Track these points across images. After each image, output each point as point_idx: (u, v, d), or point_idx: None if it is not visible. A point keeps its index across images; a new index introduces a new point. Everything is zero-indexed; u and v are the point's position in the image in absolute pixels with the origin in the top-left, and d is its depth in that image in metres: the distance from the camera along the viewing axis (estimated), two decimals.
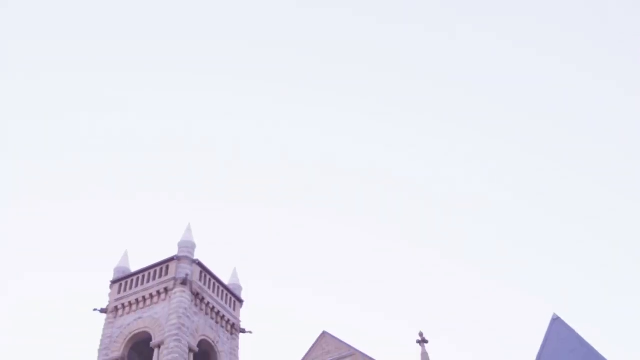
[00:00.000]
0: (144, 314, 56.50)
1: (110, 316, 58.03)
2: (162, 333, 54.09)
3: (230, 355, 59.08)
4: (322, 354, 48.08)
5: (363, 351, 46.94)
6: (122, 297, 58.32)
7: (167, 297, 56.29)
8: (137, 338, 56.23)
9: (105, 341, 56.62)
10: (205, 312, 57.86)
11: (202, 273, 59.46)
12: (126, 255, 62.93)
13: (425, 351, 44.86)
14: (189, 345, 54.04)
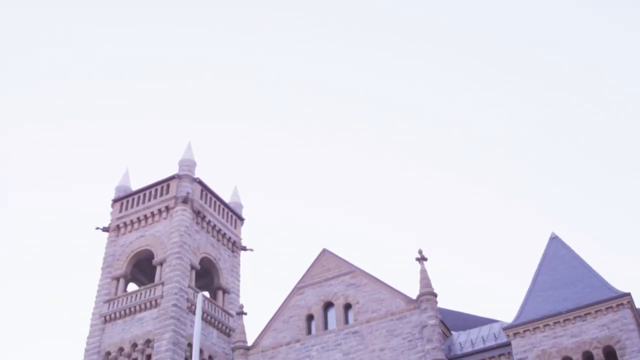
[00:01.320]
0: (145, 232, 56.96)
1: (112, 234, 58.53)
2: (164, 251, 54.65)
3: (232, 273, 59.84)
4: (322, 271, 48.62)
5: (363, 268, 47.46)
6: (123, 215, 58.66)
7: (169, 215, 56.60)
8: (139, 256, 56.84)
9: (108, 259, 57.28)
10: (206, 230, 58.31)
11: (203, 191, 59.65)
12: (127, 174, 63.01)
13: (424, 268, 45.27)
14: (191, 262, 54.67)
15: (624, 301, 36.89)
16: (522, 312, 39.70)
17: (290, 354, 46.45)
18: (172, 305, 51.18)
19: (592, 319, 37.26)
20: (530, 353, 37.76)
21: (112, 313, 53.59)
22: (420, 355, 42.03)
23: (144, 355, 50.61)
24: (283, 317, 48.19)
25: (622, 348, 35.81)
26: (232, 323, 56.22)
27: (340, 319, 46.19)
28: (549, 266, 42.13)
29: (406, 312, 44.18)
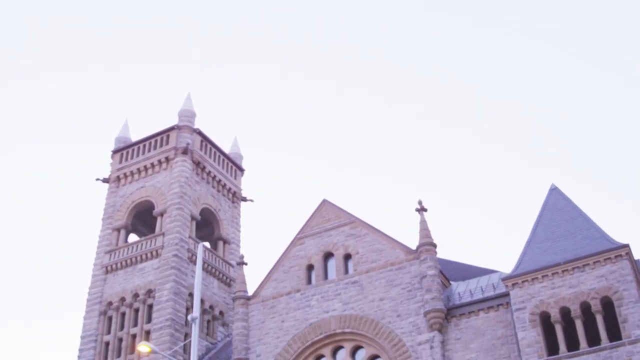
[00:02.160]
0: (146, 183, 57.03)
1: (112, 185, 58.61)
2: (165, 202, 54.79)
3: (232, 223, 60.09)
4: (322, 222, 48.73)
5: (363, 219, 47.56)
6: (123, 166, 58.66)
7: (169, 166, 56.62)
8: (139, 207, 57.01)
9: (109, 210, 57.45)
10: (206, 180, 58.39)
11: (203, 142, 59.58)
12: (126, 125, 62.85)
13: (424, 219, 45.35)
14: (191, 213, 54.86)
15: (623, 252, 37.02)
16: (520, 263, 39.90)
17: (291, 304, 46.83)
18: (172, 256, 51.53)
19: (590, 270, 37.44)
20: (529, 303, 38.03)
21: (113, 264, 53.96)
22: (420, 305, 42.39)
23: (146, 305, 51.10)
24: (283, 268, 48.48)
25: (620, 299, 36.06)
26: (232, 273, 56.66)
27: (340, 269, 46.47)
28: (548, 217, 42.18)
29: (406, 262, 44.42)
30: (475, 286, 43.53)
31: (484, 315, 41.23)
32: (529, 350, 36.90)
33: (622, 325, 35.48)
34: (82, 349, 51.50)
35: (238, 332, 47.31)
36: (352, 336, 44.25)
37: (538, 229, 41.81)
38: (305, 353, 45.10)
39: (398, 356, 41.79)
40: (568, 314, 37.20)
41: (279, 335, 46.10)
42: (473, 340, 40.78)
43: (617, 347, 35.03)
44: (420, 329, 41.87)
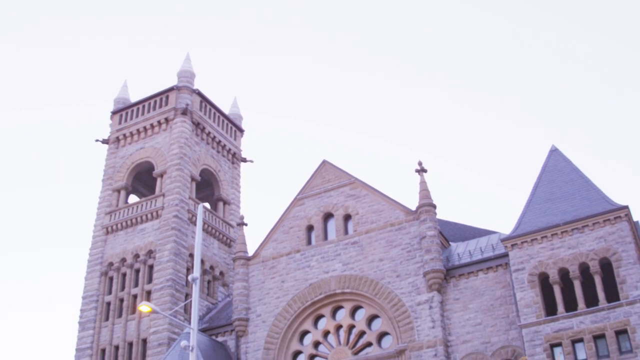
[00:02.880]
0: (145, 144, 56.93)
1: (112, 146, 58.51)
2: (164, 163, 54.73)
3: (232, 184, 60.11)
4: (322, 183, 48.73)
5: (363, 180, 47.56)
6: (123, 127, 58.51)
7: (168, 127, 56.47)
8: (139, 168, 56.96)
9: (109, 171, 57.41)
10: (206, 141, 58.27)
11: (202, 103, 59.35)
12: (125, 86, 62.52)
13: (424, 180, 45.33)
14: (191, 174, 54.84)
15: (622, 214, 37.08)
16: (520, 224, 39.98)
17: (291, 264, 47.06)
18: (173, 217, 51.62)
19: (589, 231, 37.54)
20: (528, 264, 38.20)
21: (113, 224, 54.09)
22: (419, 266, 42.58)
23: (146, 265, 51.33)
24: (283, 228, 48.62)
25: (618, 260, 36.20)
26: (232, 234, 56.83)
27: (340, 230, 46.61)
28: (548, 179, 42.16)
29: (405, 223, 44.52)
30: (474, 247, 43.70)
31: (483, 275, 41.46)
32: (527, 311, 37.16)
33: (620, 286, 35.68)
34: (84, 309, 51.87)
35: (238, 292, 47.62)
36: (351, 296, 44.53)
37: (538, 190, 41.80)
38: (305, 313, 45.44)
39: (397, 316, 42.10)
40: (566, 274, 37.39)
41: (279, 295, 46.40)
42: (472, 301, 41.06)
43: (615, 308, 35.27)
44: (419, 289, 42.13)
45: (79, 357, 50.28)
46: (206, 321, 49.61)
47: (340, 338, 44.33)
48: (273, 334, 45.34)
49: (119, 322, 50.31)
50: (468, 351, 39.91)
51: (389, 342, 42.81)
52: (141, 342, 48.81)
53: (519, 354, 37.66)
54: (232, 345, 46.82)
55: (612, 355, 34.50)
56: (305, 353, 44.83)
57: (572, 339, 35.54)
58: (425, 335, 40.75)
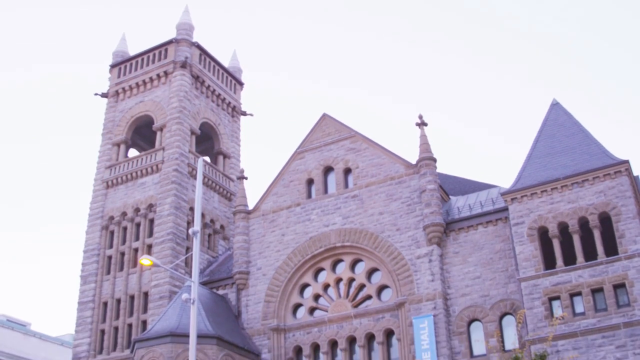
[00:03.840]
0: (144, 98, 56.65)
1: (111, 100, 58.22)
2: (164, 116, 54.53)
3: (232, 138, 59.96)
4: (322, 136, 48.57)
5: (363, 133, 47.41)
6: (121, 81, 58.14)
7: (167, 80, 56.13)
8: (139, 121, 56.75)
9: (108, 125, 57.22)
10: (205, 95, 57.97)
11: (202, 56, 58.88)
12: (124, 39, 61.92)
13: (424, 133, 45.17)
14: (191, 128, 54.67)
15: (622, 168, 37.02)
16: (520, 178, 39.97)
17: (291, 218, 47.18)
18: (173, 170, 51.60)
19: (589, 185, 37.53)
20: (527, 218, 38.29)
21: (113, 178, 54.09)
22: (419, 219, 42.69)
23: (147, 219, 51.46)
24: (283, 182, 48.63)
25: (618, 214, 36.27)
26: (232, 187, 56.89)
27: (340, 183, 46.62)
28: (549, 133, 42.02)
29: (405, 176, 44.51)
30: (474, 201, 43.75)
31: (482, 229, 41.59)
32: (526, 264, 37.37)
33: (619, 241, 35.81)
34: (85, 263, 52.16)
35: (239, 246, 47.84)
36: (351, 249, 44.75)
37: (538, 144, 41.71)
38: (305, 266, 45.70)
39: (397, 269, 42.36)
40: (566, 229, 37.50)
41: (280, 248, 46.62)
42: (471, 254, 41.26)
43: (613, 262, 35.46)
44: (419, 243, 42.31)
45: (81, 309, 50.73)
46: (207, 274, 49.93)
47: (340, 291, 44.67)
48: (273, 287, 45.67)
49: (121, 276, 50.64)
50: (467, 304, 40.23)
51: (388, 295, 43.13)
52: (142, 295, 49.19)
53: (517, 307, 37.97)
54: (232, 298, 47.20)
55: (609, 308, 34.78)
56: (306, 306, 45.21)
57: (571, 292, 35.81)
58: (424, 289, 41.04)
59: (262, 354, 44.16)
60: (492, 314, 39.34)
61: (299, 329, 44.48)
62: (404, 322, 41.09)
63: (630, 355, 33.39)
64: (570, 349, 34.38)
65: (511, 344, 37.53)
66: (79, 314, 50.69)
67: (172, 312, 42.27)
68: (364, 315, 42.89)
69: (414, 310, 40.78)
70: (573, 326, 35.05)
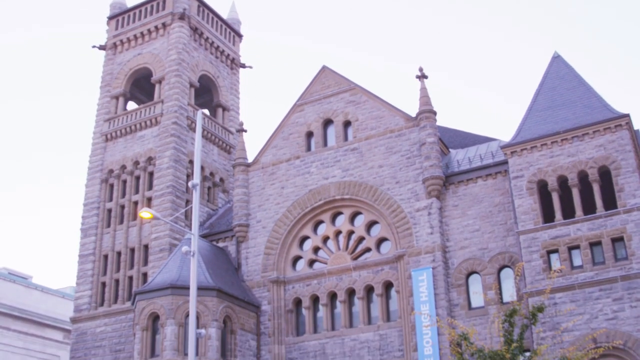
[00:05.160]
0: (143, 50, 56.17)
1: (109, 53, 57.72)
2: (162, 69, 54.14)
3: (231, 90, 59.64)
4: (322, 88, 48.30)
5: (363, 86, 47.13)
6: (119, 33, 57.56)
7: (166, 32, 55.59)
8: (137, 74, 56.35)
9: (106, 78, 56.83)
10: (204, 47, 57.49)
11: (200, 7, 58.23)
12: None
13: (425, 86, 44.90)
14: (190, 80, 54.34)
15: (622, 122, 36.87)
16: (520, 131, 39.85)
17: (290, 170, 47.18)
18: (172, 123, 51.43)
19: (589, 139, 37.41)
20: (527, 171, 38.26)
21: (113, 131, 53.92)
22: (418, 172, 42.69)
23: (146, 172, 51.42)
24: (283, 134, 48.51)
25: (617, 168, 36.23)
26: (232, 140, 56.77)
27: (340, 136, 46.52)
28: (550, 86, 41.74)
29: (405, 129, 44.39)
30: (474, 154, 43.70)
31: (482, 182, 41.61)
32: (525, 217, 37.47)
33: (618, 195, 35.85)
34: (85, 216, 52.27)
35: (238, 199, 47.92)
36: (351, 202, 44.85)
37: (539, 97, 41.49)
38: (305, 219, 45.85)
39: (396, 222, 42.50)
40: (565, 182, 37.52)
41: (279, 201, 46.71)
42: (470, 207, 41.36)
43: (612, 216, 35.55)
44: (418, 196, 42.37)
45: (82, 262, 51.01)
46: (207, 227, 50.10)
47: (339, 243, 44.88)
48: (273, 240, 45.88)
49: (121, 229, 50.79)
50: (466, 257, 40.46)
51: (387, 247, 43.35)
52: (143, 248, 49.40)
53: (515, 260, 38.17)
54: (232, 251, 47.44)
55: (607, 262, 34.98)
56: (305, 258, 45.47)
57: (569, 245, 35.98)
58: (423, 241, 41.23)
59: (262, 306, 44.57)
60: (491, 266, 39.59)
61: (299, 281, 44.79)
62: (402, 274, 41.36)
63: (626, 307, 33.70)
64: (568, 301, 34.69)
65: (509, 297, 37.97)
66: (79, 267, 50.99)
67: (173, 265, 42.54)
68: (363, 267, 43.16)
69: (413, 263, 41.02)
70: (571, 279, 35.30)
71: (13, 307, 61.70)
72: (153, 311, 40.80)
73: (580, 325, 33.90)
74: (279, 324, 44.15)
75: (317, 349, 42.87)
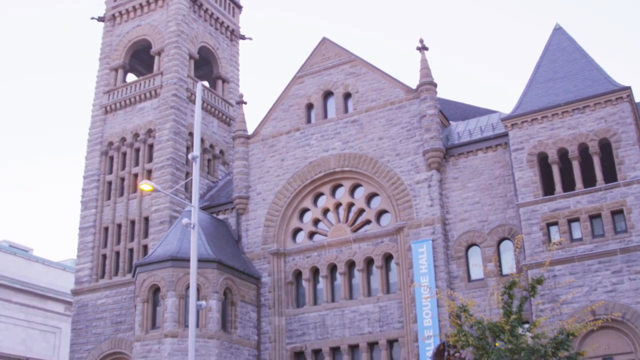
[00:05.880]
0: (142, 22, 55.79)
1: (108, 24, 57.33)
2: (162, 40, 53.83)
3: (231, 62, 59.36)
4: (322, 60, 48.07)
5: (363, 57, 46.92)
6: (118, 4, 57.12)
7: (165, 3, 55.16)
8: (137, 46, 56.03)
9: (106, 50, 56.51)
10: (203, 18, 57.11)
11: None
12: None
13: (425, 58, 44.68)
14: (189, 52, 54.07)
15: (624, 95, 36.72)
16: (520, 104, 39.71)
17: (290, 143, 47.11)
18: (172, 95, 51.24)
19: (590, 111, 37.30)
20: (527, 144, 38.19)
21: (112, 104, 53.73)
22: (419, 145, 42.63)
23: (146, 144, 51.32)
24: (283, 107, 48.37)
25: (618, 141, 36.15)
26: (232, 112, 56.61)
27: (340, 108, 46.39)
28: (551, 58, 41.53)
29: (405, 101, 44.25)
30: (474, 126, 43.62)
31: (482, 155, 41.57)
32: (525, 190, 37.47)
33: (618, 167, 35.80)
34: (85, 189, 52.25)
35: (238, 171, 47.91)
36: (351, 174, 44.84)
37: (540, 69, 41.30)
38: (305, 191, 45.87)
39: (396, 194, 42.51)
40: (565, 155, 37.47)
41: (279, 173, 46.70)
42: (470, 180, 41.34)
43: (612, 189, 35.54)
44: (418, 168, 42.35)
45: (82, 235, 51.09)
46: (207, 199, 50.14)
47: (339, 216, 44.94)
48: (273, 212, 45.93)
49: (121, 201, 50.80)
50: (465, 229, 40.53)
51: (387, 219, 43.42)
52: (143, 221, 49.43)
53: (515, 233, 38.24)
54: (232, 223, 47.52)
55: (607, 234, 35.05)
56: (305, 230, 45.56)
57: (569, 218, 36.02)
58: (423, 214, 41.27)
59: (262, 278, 44.74)
60: (490, 239, 39.67)
61: (299, 253, 44.93)
62: (402, 246, 41.45)
63: (625, 280, 33.82)
64: (567, 274, 34.80)
65: (508, 269, 37.98)
66: (80, 239, 51.09)
67: (173, 237, 42.61)
68: (363, 239, 43.25)
69: (413, 235, 41.10)
70: (570, 252, 35.38)
71: (14, 279, 61.95)
72: (154, 283, 40.96)
73: (579, 297, 34.04)
74: (279, 296, 44.35)
75: (317, 320, 43.11)
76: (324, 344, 42.45)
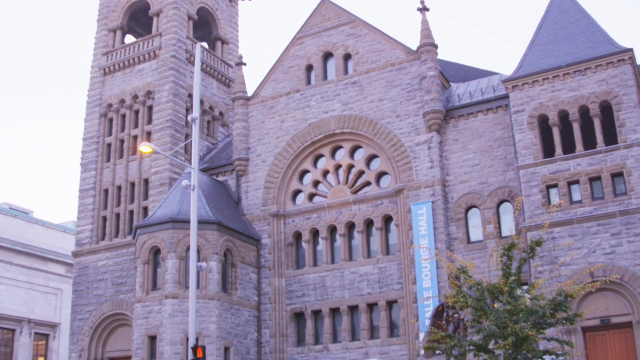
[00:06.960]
0: None
1: None
2: (160, 1, 53.19)
3: (230, 23, 58.89)
4: (322, 21, 47.74)
5: (364, 19, 46.59)
6: None
7: None
8: (135, 7, 55.44)
9: (104, 11, 55.97)
10: None
11: None
12: None
13: (426, 19, 44.36)
14: (188, 13, 53.58)
15: (626, 57, 36.47)
16: (522, 65, 39.48)
17: (290, 104, 46.96)
18: (171, 57, 50.90)
19: (591, 73, 37.08)
20: (528, 106, 38.05)
21: (111, 65, 53.37)
22: (419, 106, 42.50)
23: (145, 107, 51.12)
24: (282, 68, 48.13)
25: (619, 104, 35.99)
26: (231, 74, 56.31)
27: (340, 70, 46.16)
28: (553, 19, 41.18)
29: (406, 63, 44.03)
30: (475, 88, 43.43)
31: (482, 117, 41.47)
32: (526, 152, 37.42)
33: (619, 130, 35.71)
34: (85, 151, 52.17)
35: (238, 133, 47.82)
36: (351, 136, 44.78)
37: (541, 31, 40.98)
38: (305, 153, 45.84)
39: (396, 156, 42.49)
40: (566, 117, 37.35)
41: (279, 135, 46.62)
42: (471, 142, 41.30)
43: (613, 151, 35.47)
44: (419, 130, 42.27)
45: (82, 197, 51.15)
46: (207, 161, 50.11)
47: (339, 177, 44.98)
48: (273, 174, 45.95)
49: (121, 163, 50.74)
50: (465, 191, 40.58)
51: (387, 181, 43.46)
52: (143, 183, 49.44)
53: (515, 195, 38.30)
54: (232, 185, 47.56)
55: (607, 197, 35.08)
56: (305, 192, 45.62)
57: (569, 180, 36.02)
58: (423, 176, 41.30)
59: (262, 240, 44.92)
60: (490, 201, 39.75)
61: (299, 215, 45.04)
62: (402, 208, 41.54)
63: (624, 242, 33.94)
64: (566, 236, 34.91)
65: (508, 231, 38.22)
66: (80, 202, 51.17)
67: (173, 199, 42.69)
68: (363, 201, 43.34)
69: (413, 197, 41.17)
70: (570, 214, 35.45)
71: (15, 242, 62.14)
72: (154, 245, 41.11)
73: (578, 259, 34.20)
74: (280, 258, 44.57)
75: (317, 282, 43.38)
76: (324, 305, 42.77)
